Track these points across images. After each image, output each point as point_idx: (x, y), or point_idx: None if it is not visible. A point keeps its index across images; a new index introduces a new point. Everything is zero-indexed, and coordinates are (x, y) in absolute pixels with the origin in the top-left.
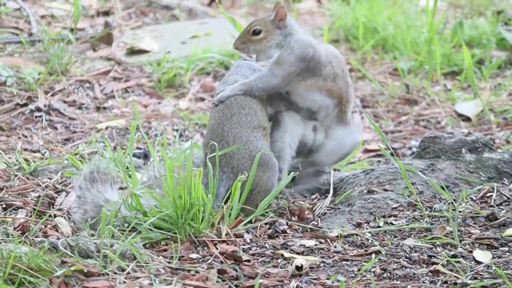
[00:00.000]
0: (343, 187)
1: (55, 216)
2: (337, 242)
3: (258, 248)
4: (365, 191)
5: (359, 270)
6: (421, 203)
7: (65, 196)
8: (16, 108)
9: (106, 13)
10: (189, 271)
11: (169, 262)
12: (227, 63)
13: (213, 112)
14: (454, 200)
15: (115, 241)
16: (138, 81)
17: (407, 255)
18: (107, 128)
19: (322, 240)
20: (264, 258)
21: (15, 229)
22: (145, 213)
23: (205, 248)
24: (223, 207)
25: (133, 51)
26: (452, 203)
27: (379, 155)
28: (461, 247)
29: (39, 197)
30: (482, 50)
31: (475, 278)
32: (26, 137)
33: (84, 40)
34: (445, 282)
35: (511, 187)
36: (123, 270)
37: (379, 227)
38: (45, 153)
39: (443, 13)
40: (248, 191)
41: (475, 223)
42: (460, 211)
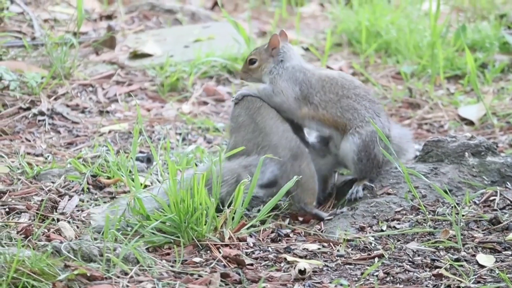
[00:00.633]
0: (346, 191)
1: (58, 220)
2: (340, 246)
3: (261, 252)
4: (368, 194)
5: (362, 274)
6: (424, 207)
7: (68, 200)
8: (19, 112)
9: (109, 17)
10: (192, 274)
11: (172, 266)
12: (230, 67)
13: (236, 111)
14: (457, 204)
15: (118, 245)
16: (141, 85)
17: (410, 259)
18: (110, 132)
19: (325, 244)
20: (267, 262)
21: (18, 233)
22: (148, 216)
23: (208, 252)
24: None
25: (136, 55)
26: (455, 207)
27: None
28: (464, 251)
29: (42, 201)
30: (485, 54)
31: (478, 282)
32: (29, 141)
33: (87, 44)
34: (448, 286)
35: None
36: (126, 274)
37: (382, 231)
38: (48, 157)
39: (446, 16)
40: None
41: (478, 227)
42: (463, 215)
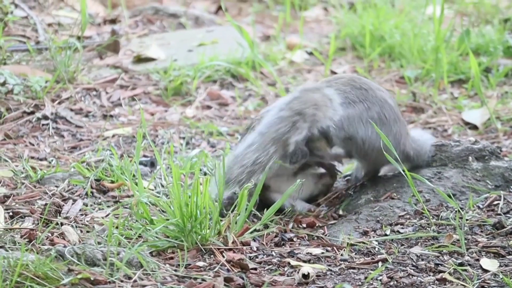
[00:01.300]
0: (349, 195)
1: (61, 224)
2: (344, 250)
3: (265, 256)
4: (372, 199)
5: (365, 278)
6: (427, 211)
7: (72, 204)
8: (23, 116)
9: (113, 21)
10: (195, 279)
11: (175, 270)
12: (234, 71)
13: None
14: (461, 208)
15: (121, 249)
16: (145, 89)
17: (414, 263)
18: (113, 136)
19: (329, 248)
20: (270, 266)
21: (22, 237)
22: (152, 221)
23: (212, 256)
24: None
25: (140, 59)
26: (459, 211)
27: None
28: (468, 255)
29: (46, 205)
30: (489, 58)
31: (482, 287)
32: (33, 145)
33: (91, 48)
34: None
35: None
36: (129, 278)
37: (385, 235)
38: (52, 161)
39: (450, 21)
40: None
41: (482, 231)
42: (467, 219)
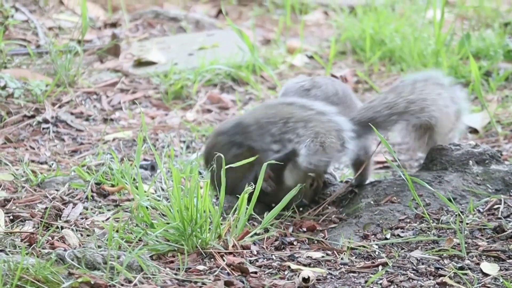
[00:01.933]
0: (349, 199)
1: (62, 228)
2: (344, 254)
3: (265, 259)
4: (372, 202)
5: (366, 282)
6: (428, 215)
7: (72, 207)
8: (24, 120)
9: (114, 25)
10: (196, 282)
11: (176, 274)
12: (234, 75)
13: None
14: (461, 212)
15: (122, 252)
16: (145, 92)
17: (414, 267)
18: (114, 139)
19: (329, 252)
20: (271, 270)
21: (22, 240)
22: (152, 224)
23: (212, 259)
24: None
25: (140, 63)
26: (459, 215)
27: (386, 167)
28: (468, 259)
29: (46, 208)
30: (489, 62)
31: None
32: (34, 148)
33: (92, 51)
34: None
35: None
36: (130, 281)
37: (386, 239)
38: (52, 164)
39: (450, 25)
40: None
41: (482, 235)
42: (467, 223)
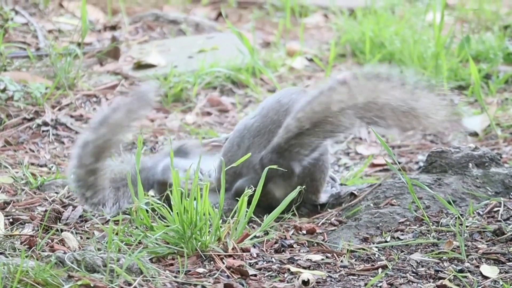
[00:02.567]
0: (349, 201)
1: (61, 231)
2: (344, 256)
3: (265, 262)
4: (372, 205)
5: (365, 284)
6: (428, 217)
7: (72, 210)
8: (23, 123)
9: (113, 28)
10: (195, 285)
11: (175, 277)
12: (234, 78)
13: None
14: (461, 215)
15: (121, 255)
16: None
17: (414, 270)
18: None
19: (329, 255)
20: (270, 272)
21: (22, 243)
22: (152, 227)
23: (212, 262)
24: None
25: (140, 66)
26: (459, 217)
27: (386, 170)
28: (468, 262)
29: (46, 211)
30: (489, 65)
31: None
32: (33, 151)
33: (91, 54)
34: None
35: None
36: (129, 284)
37: (385, 241)
38: (52, 167)
39: (450, 27)
40: None
41: (482, 238)
42: (467, 226)
